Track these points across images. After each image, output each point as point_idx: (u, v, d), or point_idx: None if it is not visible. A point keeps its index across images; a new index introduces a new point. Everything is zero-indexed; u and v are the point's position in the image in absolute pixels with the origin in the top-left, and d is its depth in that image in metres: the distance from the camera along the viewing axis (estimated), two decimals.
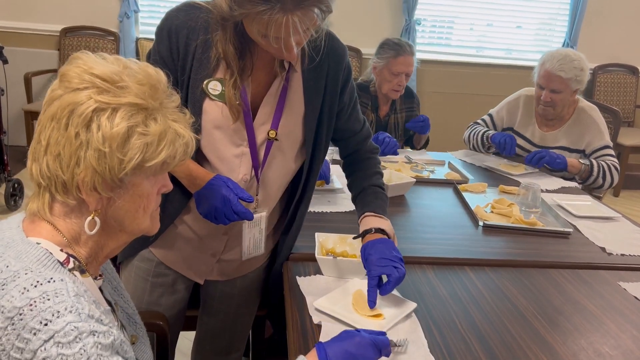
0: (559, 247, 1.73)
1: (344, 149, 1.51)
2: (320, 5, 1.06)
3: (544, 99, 2.42)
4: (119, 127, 0.78)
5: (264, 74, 1.26)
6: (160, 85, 0.84)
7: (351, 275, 1.40)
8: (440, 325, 1.25)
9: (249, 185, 1.31)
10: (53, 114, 0.79)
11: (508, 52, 4.89)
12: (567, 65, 2.35)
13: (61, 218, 0.84)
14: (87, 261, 0.87)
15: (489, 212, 1.95)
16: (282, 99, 1.28)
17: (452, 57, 4.78)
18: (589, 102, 2.55)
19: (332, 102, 1.34)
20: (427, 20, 4.73)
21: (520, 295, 1.42)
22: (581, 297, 1.44)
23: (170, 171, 1.21)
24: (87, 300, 0.78)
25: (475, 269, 1.54)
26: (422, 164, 2.44)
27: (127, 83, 0.80)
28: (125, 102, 0.79)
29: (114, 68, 0.81)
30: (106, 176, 0.80)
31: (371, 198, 1.42)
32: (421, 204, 2.03)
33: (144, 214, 0.89)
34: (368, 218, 1.38)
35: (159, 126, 0.82)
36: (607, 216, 2.01)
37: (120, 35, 4.32)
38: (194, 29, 1.21)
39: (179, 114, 0.87)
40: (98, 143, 0.78)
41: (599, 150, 2.44)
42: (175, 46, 1.22)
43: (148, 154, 0.81)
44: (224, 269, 1.46)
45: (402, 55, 2.55)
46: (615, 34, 4.83)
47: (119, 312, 1.00)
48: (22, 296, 0.74)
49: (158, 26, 1.25)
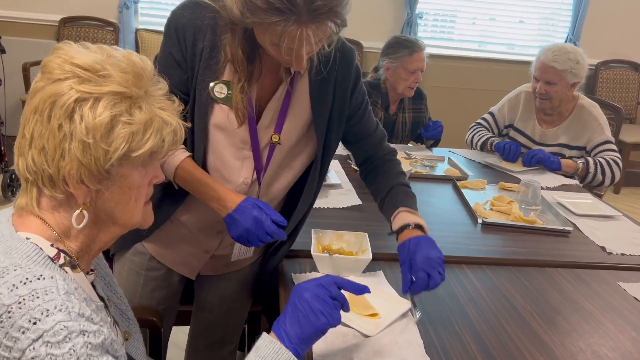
0: (558, 246, 1.71)
1: (360, 153, 1.46)
2: (336, 20, 1.05)
3: (539, 90, 2.41)
4: (102, 116, 0.76)
5: (269, 78, 1.24)
6: (145, 73, 0.82)
7: (347, 272, 1.38)
8: (436, 324, 1.24)
9: (250, 189, 1.29)
10: (35, 107, 0.77)
11: (510, 47, 4.86)
12: (562, 57, 2.34)
13: (50, 212, 0.82)
14: (78, 255, 0.85)
15: (488, 210, 1.93)
16: (285, 103, 1.25)
17: (454, 52, 4.75)
18: (589, 99, 2.53)
19: (341, 108, 1.31)
20: (429, 14, 4.69)
21: (519, 294, 1.40)
22: (580, 297, 1.42)
23: (199, 196, 1.22)
24: (78, 298, 0.76)
25: (473, 267, 1.53)
26: (421, 160, 2.42)
27: (110, 72, 0.78)
28: (107, 91, 0.77)
29: (96, 57, 0.79)
30: (92, 168, 0.78)
31: (402, 196, 1.38)
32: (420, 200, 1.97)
33: (135, 205, 0.86)
34: (403, 214, 1.34)
35: (144, 114, 0.79)
36: (608, 215, 1.99)
37: (120, 26, 4.29)
38: (200, 28, 1.18)
39: (166, 101, 0.85)
40: (82, 134, 0.76)
41: (600, 146, 2.42)
42: (183, 45, 1.20)
43: (134, 143, 0.79)
44: (216, 265, 1.45)
45: (417, 51, 2.54)
46: (618, 30, 4.79)
47: (112, 307, 0.98)
48: (11, 293, 0.72)
49: (165, 26, 1.22)
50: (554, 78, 2.37)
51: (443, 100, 4.72)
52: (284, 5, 0.99)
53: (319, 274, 1.39)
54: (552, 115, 2.51)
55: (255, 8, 1.01)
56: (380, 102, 2.62)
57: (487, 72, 4.73)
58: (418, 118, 2.73)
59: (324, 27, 1.04)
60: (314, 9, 1.00)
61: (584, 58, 2.39)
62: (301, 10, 0.99)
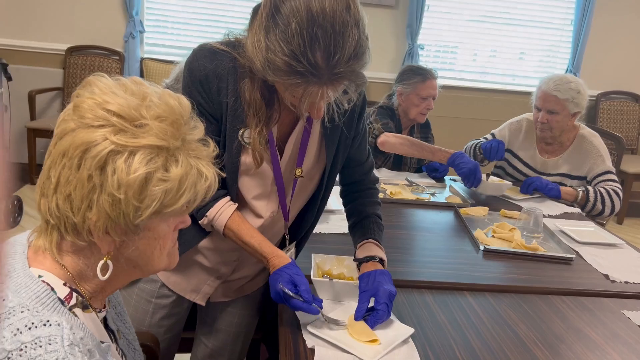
0: (561, 273, 1.69)
1: (348, 177, 1.50)
2: (357, 80, 1.06)
3: (541, 120, 2.43)
4: (137, 173, 0.71)
5: (288, 115, 1.25)
6: (182, 120, 0.77)
7: (347, 298, 1.36)
8: (437, 351, 1.21)
9: (275, 220, 1.34)
10: (65, 150, 0.73)
11: (512, 77, 4.91)
12: (563, 86, 2.37)
13: (69, 256, 0.79)
14: (92, 296, 0.82)
15: (490, 237, 1.92)
16: (305, 137, 1.28)
17: (456, 82, 4.80)
18: (590, 128, 2.54)
19: (348, 131, 1.34)
20: (431, 46, 4.75)
21: (521, 321, 1.38)
22: (583, 325, 1.40)
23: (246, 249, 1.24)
24: (82, 350, 0.73)
25: (475, 294, 1.51)
26: (422, 187, 2.42)
27: (147, 120, 0.74)
28: (144, 144, 0.72)
29: (132, 101, 0.74)
30: (120, 222, 0.74)
31: (374, 227, 1.43)
32: (421, 227, 2.00)
33: (160, 254, 0.83)
34: (371, 245, 1.40)
35: (181, 169, 0.75)
36: (611, 243, 1.98)
37: (125, 54, 4.35)
38: (222, 77, 1.18)
39: (202, 147, 0.80)
40: (112, 188, 0.72)
41: (600, 176, 2.42)
42: (209, 96, 1.19)
43: (167, 199, 0.75)
44: (227, 290, 1.45)
45: (429, 79, 2.62)
46: (618, 61, 4.84)
47: (121, 339, 0.95)
48: (14, 338, 0.69)
49: (185, 81, 1.20)
50: (556, 107, 2.39)
51: (444, 130, 4.75)
52: (305, 69, 1.00)
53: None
54: (553, 144, 2.52)
55: (276, 69, 1.02)
56: (394, 128, 2.65)
57: (488, 102, 4.76)
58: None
59: (343, 86, 1.07)
60: (336, 73, 1.01)
61: (584, 88, 2.41)
62: (322, 72, 1.00)
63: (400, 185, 2.39)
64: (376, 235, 1.42)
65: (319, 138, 1.32)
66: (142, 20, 4.35)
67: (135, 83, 0.78)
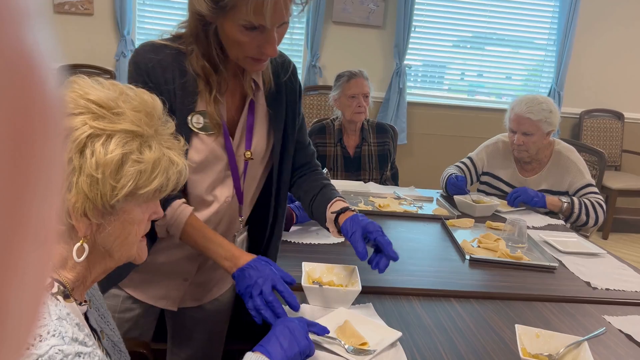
0: (544, 281, 1.74)
1: (296, 160, 1.51)
2: None
3: (517, 142, 2.49)
4: (114, 153, 0.78)
5: (235, 99, 1.32)
6: (155, 112, 0.85)
7: (337, 304, 1.40)
8: (425, 354, 1.25)
9: (231, 205, 1.36)
10: None
11: (498, 96, 5.01)
12: (535, 108, 2.44)
13: None
14: (73, 286, 0.86)
15: (475, 247, 1.97)
16: (250, 119, 1.33)
17: (443, 101, 4.89)
18: (565, 143, 2.61)
19: (293, 112, 1.42)
20: (418, 67, 4.86)
21: (506, 326, 1.42)
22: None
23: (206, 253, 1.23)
24: (70, 323, 0.77)
25: (461, 300, 1.55)
26: (410, 200, 2.46)
27: (123, 109, 0.81)
28: (120, 129, 0.79)
29: (110, 94, 0.81)
30: (97, 202, 0.79)
31: (336, 193, 1.46)
32: (409, 237, 2.04)
33: (133, 240, 0.89)
34: (340, 202, 1.42)
35: (154, 154, 0.82)
36: (593, 252, 2.03)
37: (117, 73, 4.39)
38: (167, 67, 1.23)
39: (174, 140, 0.88)
40: (91, 169, 0.78)
41: (582, 189, 2.49)
42: (156, 86, 1.22)
43: (141, 181, 0.81)
44: (195, 293, 1.46)
45: (354, 78, 2.76)
46: (600, 80, 4.96)
47: (105, 340, 0.98)
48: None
49: (131, 75, 1.23)
50: (531, 129, 2.45)
51: (432, 147, 4.83)
52: None
53: (309, 306, 1.41)
54: (531, 163, 2.59)
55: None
56: (333, 140, 2.79)
57: (475, 120, 4.85)
58: (383, 151, 2.87)
59: None
60: None
61: (555, 106, 2.49)
62: None
63: (388, 198, 2.43)
64: (341, 197, 1.44)
65: (267, 120, 1.37)
66: (133, 40, 4.41)
67: (112, 84, 0.85)
